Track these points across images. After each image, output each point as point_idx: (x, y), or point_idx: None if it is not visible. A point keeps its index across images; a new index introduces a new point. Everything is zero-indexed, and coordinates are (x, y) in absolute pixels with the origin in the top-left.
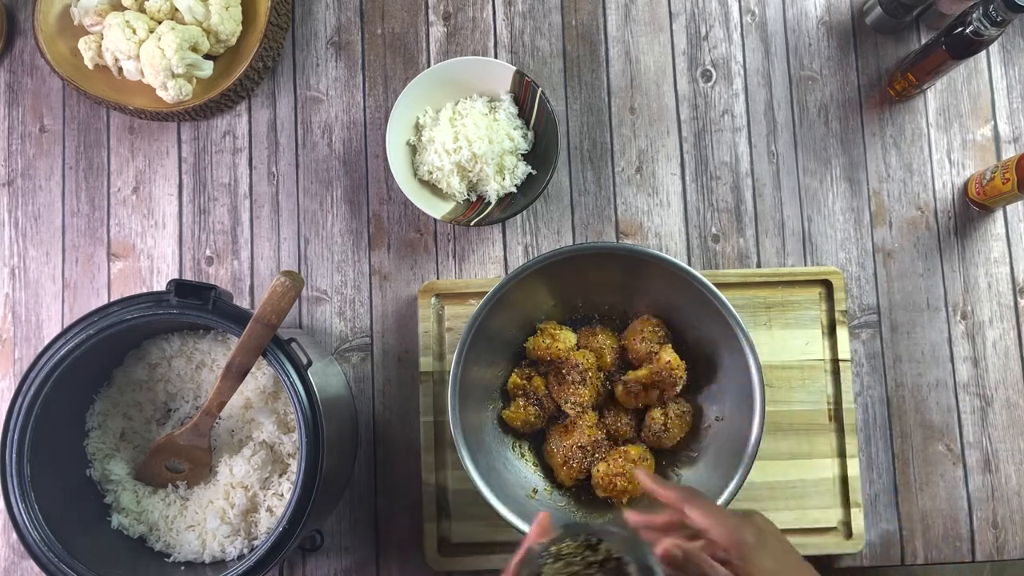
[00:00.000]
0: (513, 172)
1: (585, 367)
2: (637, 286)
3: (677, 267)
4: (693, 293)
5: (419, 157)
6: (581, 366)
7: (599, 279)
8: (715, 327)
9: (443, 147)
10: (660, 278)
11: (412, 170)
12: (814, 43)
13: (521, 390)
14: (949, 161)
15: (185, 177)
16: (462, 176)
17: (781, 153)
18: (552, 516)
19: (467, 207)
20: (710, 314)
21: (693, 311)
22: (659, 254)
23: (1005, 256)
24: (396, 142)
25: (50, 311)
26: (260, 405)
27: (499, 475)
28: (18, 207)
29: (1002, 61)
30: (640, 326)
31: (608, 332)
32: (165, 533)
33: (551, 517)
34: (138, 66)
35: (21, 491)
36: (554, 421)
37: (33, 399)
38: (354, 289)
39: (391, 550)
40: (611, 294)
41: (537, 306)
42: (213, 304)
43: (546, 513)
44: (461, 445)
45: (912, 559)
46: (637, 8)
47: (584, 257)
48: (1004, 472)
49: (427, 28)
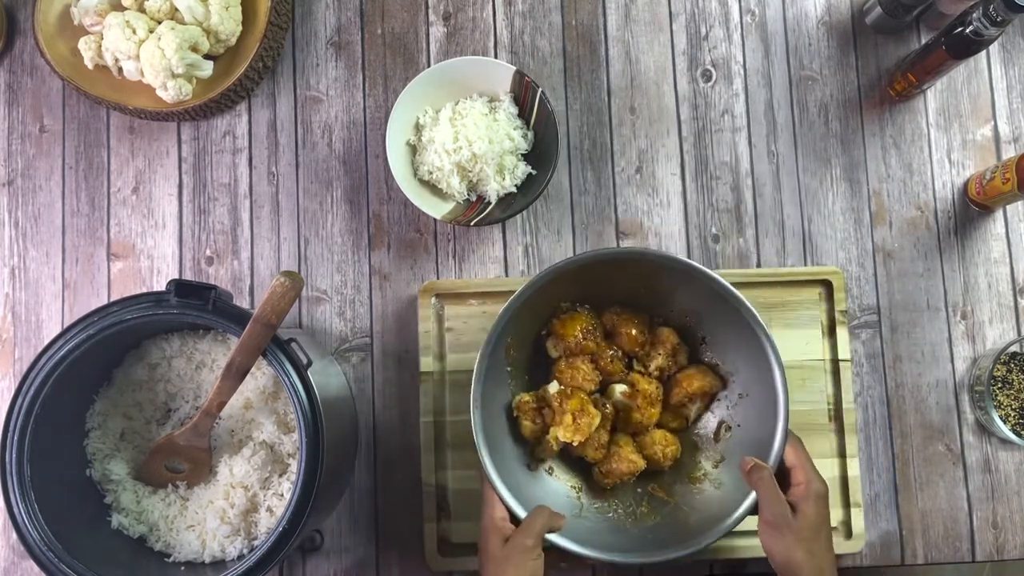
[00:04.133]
0: (513, 172)
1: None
2: (654, 290)
3: (695, 270)
4: (712, 298)
5: (419, 157)
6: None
7: (621, 285)
8: (733, 333)
9: (443, 147)
10: (677, 281)
11: (412, 170)
12: (814, 43)
13: (528, 407)
14: (949, 161)
15: (185, 177)
16: (462, 176)
17: (781, 153)
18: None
19: (467, 207)
20: (730, 320)
21: (712, 316)
22: (675, 256)
23: (1005, 256)
24: (396, 142)
25: (50, 311)
26: (260, 405)
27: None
28: (18, 207)
29: (1002, 61)
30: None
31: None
32: (165, 533)
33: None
34: (138, 66)
35: (21, 491)
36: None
37: (33, 399)
38: (354, 289)
39: (391, 550)
40: (633, 300)
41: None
42: (213, 304)
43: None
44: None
45: (912, 559)
46: (637, 8)
47: (601, 263)
48: (1004, 472)
49: (427, 28)
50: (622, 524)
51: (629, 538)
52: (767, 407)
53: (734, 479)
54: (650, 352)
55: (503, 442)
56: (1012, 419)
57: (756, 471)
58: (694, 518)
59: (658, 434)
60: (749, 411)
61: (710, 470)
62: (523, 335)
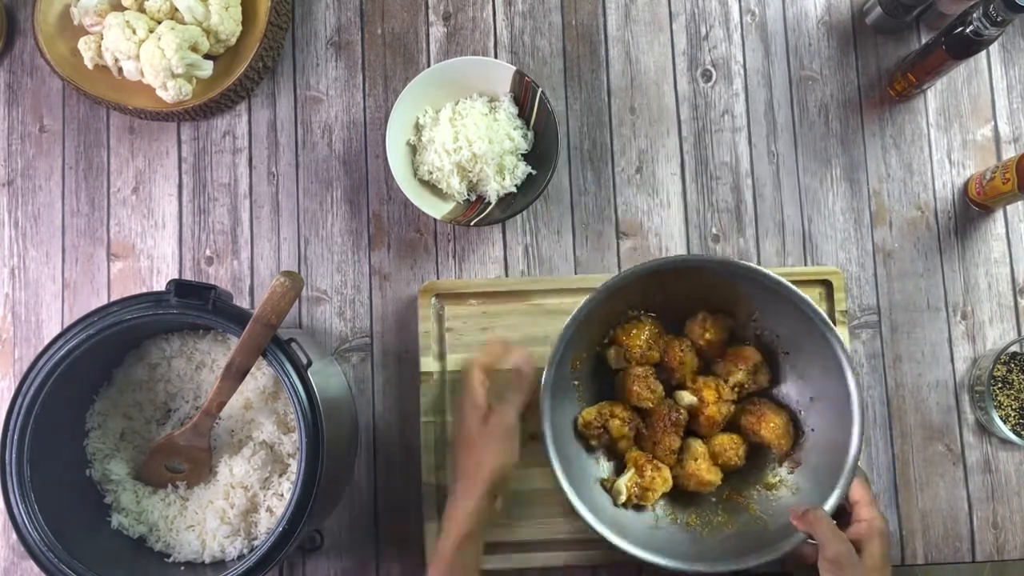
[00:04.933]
0: (513, 172)
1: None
2: (722, 297)
3: (760, 274)
4: (778, 301)
5: (419, 157)
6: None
7: (686, 291)
8: (805, 336)
9: (443, 147)
10: (742, 288)
11: (412, 170)
12: (814, 43)
13: (594, 427)
14: (949, 161)
15: (185, 177)
16: (462, 176)
17: (781, 153)
18: None
19: (467, 207)
20: (801, 325)
21: (778, 320)
22: (737, 261)
23: (1005, 256)
24: (396, 142)
25: (50, 311)
26: (260, 405)
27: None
28: (18, 207)
29: (1002, 61)
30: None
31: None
32: (165, 533)
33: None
34: (138, 66)
35: (21, 491)
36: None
37: (33, 399)
38: (354, 289)
39: (391, 550)
40: (695, 307)
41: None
42: (213, 304)
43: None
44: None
45: (912, 559)
46: (637, 8)
47: (668, 271)
48: (1004, 472)
49: (427, 28)
50: (699, 534)
51: (706, 548)
52: (841, 411)
53: (811, 484)
54: (730, 367)
55: (574, 452)
56: (1012, 419)
57: (810, 514)
58: (773, 525)
59: (725, 438)
60: (822, 415)
61: (786, 476)
62: (584, 346)
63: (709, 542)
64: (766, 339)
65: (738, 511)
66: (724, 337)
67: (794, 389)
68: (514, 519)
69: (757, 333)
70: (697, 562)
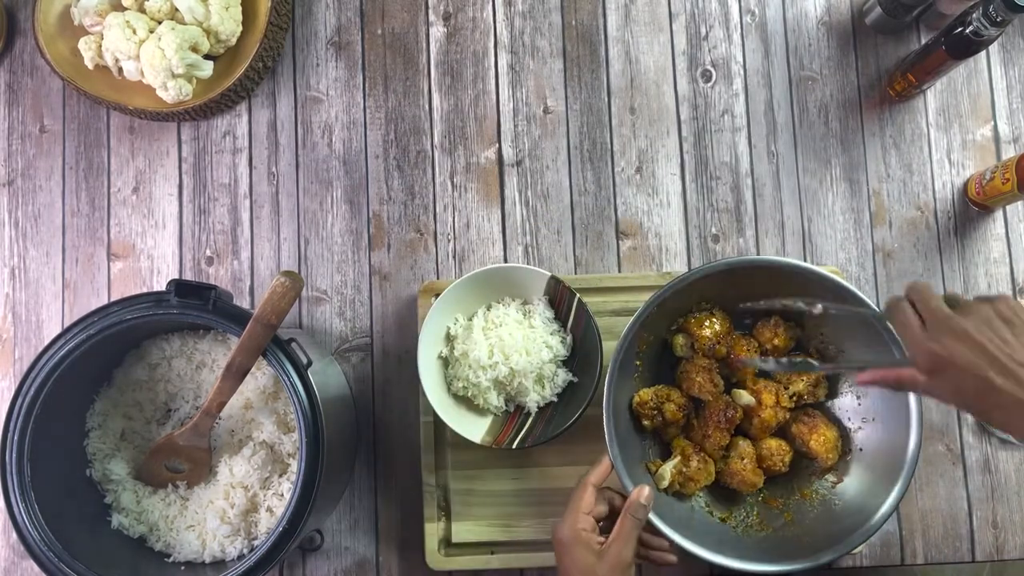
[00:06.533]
0: (553, 380)
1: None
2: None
3: (812, 273)
4: (852, 320)
5: (452, 371)
6: (729, 411)
7: (762, 294)
8: (872, 358)
9: (478, 363)
10: (794, 285)
11: (445, 385)
12: (814, 43)
13: (648, 408)
14: (949, 161)
15: (185, 177)
16: (499, 391)
17: (781, 153)
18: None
19: (506, 419)
20: (870, 348)
21: (846, 337)
22: (794, 262)
23: (1005, 256)
24: (428, 357)
25: (50, 311)
26: (260, 405)
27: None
28: (18, 207)
29: (1002, 61)
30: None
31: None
32: (165, 533)
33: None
34: (138, 66)
35: (21, 491)
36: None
37: (33, 399)
38: (354, 289)
39: (391, 550)
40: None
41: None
42: (213, 304)
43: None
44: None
45: (912, 559)
46: (637, 8)
47: (727, 272)
48: (1004, 472)
49: (427, 28)
50: (732, 532)
51: (735, 547)
52: (894, 443)
53: (849, 502)
54: (792, 376)
55: (624, 430)
56: None
57: (893, 306)
58: (807, 538)
59: (773, 443)
60: (873, 439)
61: (828, 489)
62: (652, 328)
63: (744, 541)
64: (830, 354)
65: (773, 516)
66: (791, 345)
67: (850, 407)
68: (514, 519)
69: (820, 347)
70: (734, 558)
